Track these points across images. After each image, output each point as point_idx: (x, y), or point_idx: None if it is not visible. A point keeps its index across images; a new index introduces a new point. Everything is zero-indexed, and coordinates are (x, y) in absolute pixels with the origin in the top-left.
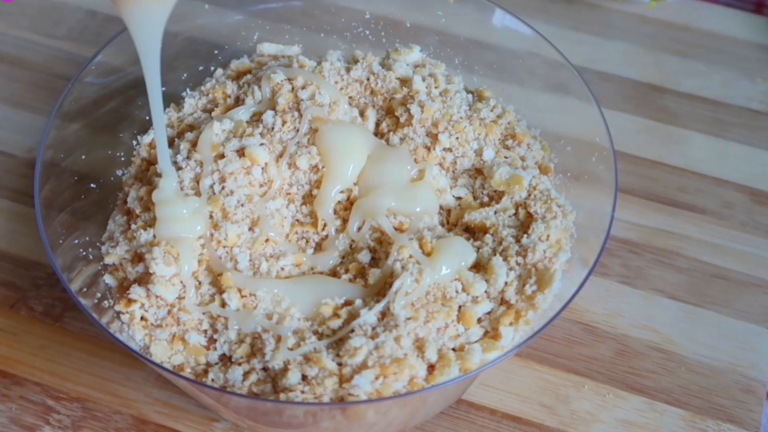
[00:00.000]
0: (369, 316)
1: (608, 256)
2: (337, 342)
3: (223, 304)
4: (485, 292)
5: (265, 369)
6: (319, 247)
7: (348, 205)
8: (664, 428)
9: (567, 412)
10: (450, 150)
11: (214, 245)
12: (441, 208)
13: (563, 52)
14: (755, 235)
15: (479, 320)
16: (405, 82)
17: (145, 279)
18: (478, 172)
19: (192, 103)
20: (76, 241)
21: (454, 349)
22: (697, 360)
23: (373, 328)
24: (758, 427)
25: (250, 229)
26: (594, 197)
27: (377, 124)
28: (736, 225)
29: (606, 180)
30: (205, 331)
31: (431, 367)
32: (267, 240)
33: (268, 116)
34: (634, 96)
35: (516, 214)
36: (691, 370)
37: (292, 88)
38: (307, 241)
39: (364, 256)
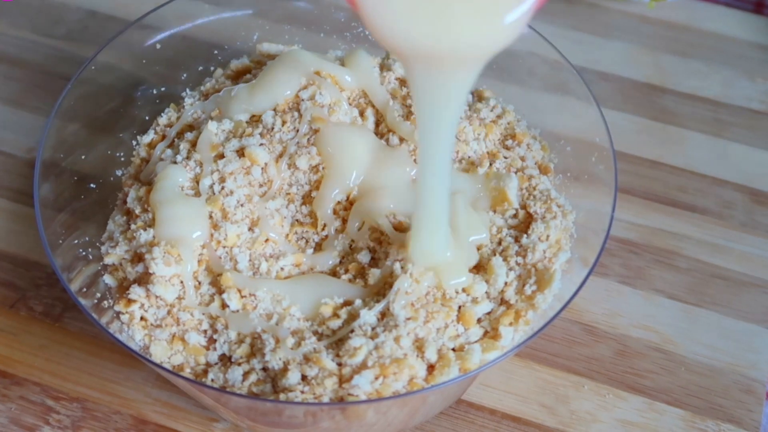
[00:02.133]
0: (369, 317)
1: (608, 256)
2: (337, 342)
3: (224, 305)
4: (485, 292)
5: (264, 369)
6: (318, 247)
7: (348, 205)
8: (663, 428)
9: (567, 412)
10: None
11: (214, 245)
12: None
13: (563, 51)
14: (755, 235)
15: (479, 320)
16: (404, 82)
17: (144, 279)
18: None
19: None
20: (76, 241)
21: (453, 349)
22: (696, 360)
23: (373, 329)
24: (758, 427)
25: (250, 229)
26: (594, 197)
27: (377, 124)
28: (735, 225)
29: (606, 180)
30: (205, 331)
31: (431, 367)
32: (267, 240)
33: (268, 116)
34: (634, 96)
35: (515, 214)
36: (690, 370)
37: None
38: (307, 242)
39: (364, 256)
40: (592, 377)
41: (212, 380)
